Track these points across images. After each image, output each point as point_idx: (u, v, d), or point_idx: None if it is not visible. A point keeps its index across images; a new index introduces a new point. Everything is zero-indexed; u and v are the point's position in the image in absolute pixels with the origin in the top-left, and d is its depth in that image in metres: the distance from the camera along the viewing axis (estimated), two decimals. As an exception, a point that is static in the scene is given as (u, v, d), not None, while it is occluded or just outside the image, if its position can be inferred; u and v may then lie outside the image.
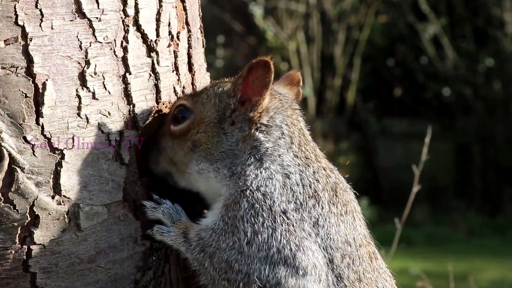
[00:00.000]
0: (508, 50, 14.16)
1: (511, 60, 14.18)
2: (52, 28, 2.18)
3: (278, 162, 2.31)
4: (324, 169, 2.36)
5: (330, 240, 2.27)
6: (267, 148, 2.32)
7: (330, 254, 2.27)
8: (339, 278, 2.27)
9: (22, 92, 2.16)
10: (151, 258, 2.36)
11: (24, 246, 2.19)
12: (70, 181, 2.22)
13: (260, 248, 2.23)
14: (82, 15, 2.22)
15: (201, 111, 2.38)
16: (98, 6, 2.24)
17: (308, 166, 2.33)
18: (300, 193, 2.29)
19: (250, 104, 2.33)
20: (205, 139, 2.36)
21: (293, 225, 2.25)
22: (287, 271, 2.22)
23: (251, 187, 2.28)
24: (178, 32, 2.46)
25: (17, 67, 2.15)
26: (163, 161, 2.42)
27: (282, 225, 2.24)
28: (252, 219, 2.25)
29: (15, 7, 2.13)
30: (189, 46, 2.52)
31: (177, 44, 2.46)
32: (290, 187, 2.29)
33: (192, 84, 2.55)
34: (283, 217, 2.25)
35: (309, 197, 2.29)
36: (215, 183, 2.35)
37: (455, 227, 12.88)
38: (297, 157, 2.34)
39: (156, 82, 2.39)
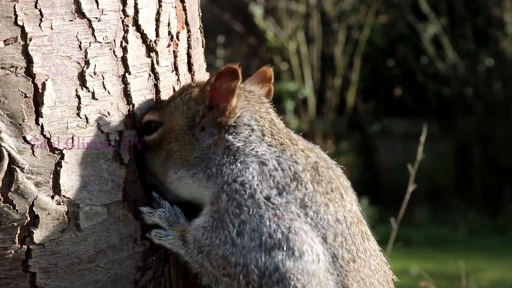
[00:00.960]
0: (508, 50, 14.16)
1: (511, 60, 14.19)
2: (51, 28, 2.18)
3: (253, 154, 2.32)
4: (302, 151, 2.35)
5: (320, 219, 2.26)
6: (238, 147, 2.32)
7: (322, 233, 2.25)
8: (334, 258, 2.25)
9: (22, 92, 2.16)
10: (151, 258, 2.36)
11: (23, 246, 2.19)
12: (69, 181, 2.22)
13: (252, 237, 2.22)
14: (81, 15, 2.22)
15: (170, 120, 2.38)
16: (97, 6, 2.24)
17: (284, 150, 2.33)
18: (280, 177, 2.28)
19: (218, 110, 2.34)
20: (178, 147, 2.36)
21: (279, 209, 2.24)
22: (283, 254, 2.21)
23: (227, 181, 2.28)
24: (178, 32, 2.46)
25: (17, 67, 2.15)
26: (146, 173, 2.42)
27: (268, 211, 2.23)
28: (237, 210, 2.25)
29: (14, 7, 2.13)
30: (189, 46, 2.52)
31: (177, 44, 2.46)
32: (269, 173, 2.28)
33: (192, 84, 2.55)
34: (268, 202, 2.24)
35: (290, 180, 2.28)
36: (196, 188, 2.36)
37: (455, 227, 12.89)
38: (272, 145, 2.34)
39: (155, 82, 2.39)
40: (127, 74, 2.31)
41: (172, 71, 2.44)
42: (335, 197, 2.31)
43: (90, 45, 2.24)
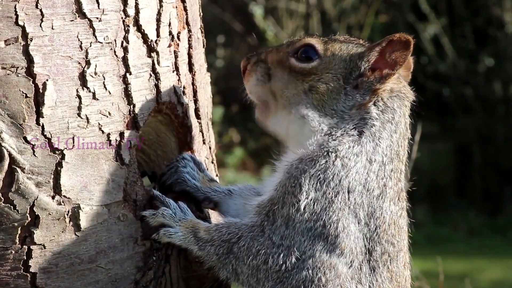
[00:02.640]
0: (508, 50, 14.16)
1: (511, 60, 14.18)
2: (52, 28, 2.18)
3: (374, 144, 2.31)
4: (400, 173, 2.37)
5: (376, 234, 2.28)
6: (374, 125, 2.32)
7: (371, 246, 2.28)
8: (372, 271, 2.28)
9: (23, 92, 2.15)
10: (151, 258, 2.36)
11: (24, 246, 2.19)
12: (70, 181, 2.22)
13: (309, 218, 2.24)
14: (82, 15, 2.22)
15: (329, 60, 2.36)
16: (98, 6, 2.24)
17: (391, 162, 2.33)
18: (372, 180, 2.29)
19: (380, 75, 2.32)
20: (324, 89, 2.34)
21: (349, 207, 2.26)
22: (324, 246, 2.23)
23: (338, 153, 2.27)
24: (179, 32, 2.46)
25: (18, 67, 2.15)
26: (266, 87, 2.40)
27: (339, 203, 2.25)
28: (318, 184, 2.25)
29: (15, 7, 2.13)
30: (190, 46, 2.52)
31: (178, 44, 2.45)
32: (367, 172, 2.28)
33: (193, 84, 2.54)
34: (346, 195, 2.26)
35: (377, 187, 2.29)
36: (307, 132, 2.34)
37: (455, 227, 12.88)
38: (391, 148, 2.33)
39: (156, 82, 2.39)
40: (127, 74, 2.31)
41: (173, 71, 2.44)
42: (400, 223, 2.34)
43: (91, 45, 2.24)
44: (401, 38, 2.27)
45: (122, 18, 2.29)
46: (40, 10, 2.16)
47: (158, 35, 2.37)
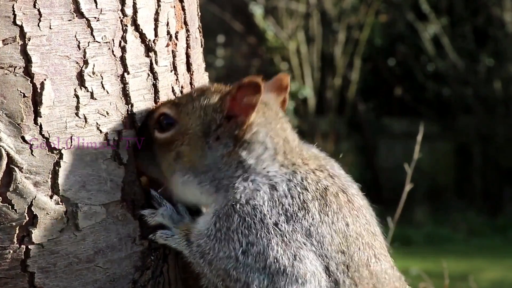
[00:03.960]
0: (508, 50, 14.16)
1: (511, 60, 14.18)
2: (50, 28, 2.18)
3: (263, 174, 2.31)
4: (313, 172, 2.34)
5: (324, 249, 2.27)
6: (251, 165, 2.31)
7: (326, 262, 2.26)
8: (335, 284, 2.26)
9: (20, 92, 2.15)
10: (150, 258, 2.36)
11: (22, 245, 2.19)
12: (68, 181, 2.22)
13: (257, 259, 2.24)
14: (80, 14, 2.22)
15: (185, 121, 2.36)
16: (96, 6, 2.24)
17: (295, 173, 2.32)
18: (289, 205, 2.28)
19: (235, 122, 2.31)
20: (188, 151, 2.34)
21: (286, 236, 2.25)
22: (286, 280, 2.22)
23: (240, 201, 2.28)
24: (177, 32, 2.46)
25: (15, 66, 2.15)
26: (149, 165, 2.40)
27: (276, 236, 2.24)
28: (246, 231, 2.25)
29: (13, 7, 2.13)
30: (188, 46, 2.52)
31: (176, 44, 2.45)
32: (278, 200, 2.28)
33: (191, 84, 2.55)
34: (276, 228, 2.25)
35: (298, 209, 2.28)
36: (200, 194, 2.35)
37: (455, 227, 12.89)
38: (283, 165, 2.33)
39: (154, 81, 2.39)
40: (125, 74, 2.31)
41: (171, 71, 2.44)
42: (340, 227, 2.30)
43: (88, 45, 2.24)
44: (250, 82, 2.26)
45: (120, 17, 2.29)
46: (38, 10, 2.16)
47: (156, 35, 2.37)
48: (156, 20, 2.38)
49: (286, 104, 2.50)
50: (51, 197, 2.20)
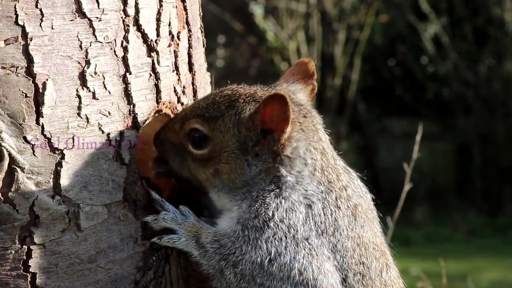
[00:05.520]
0: (508, 50, 14.16)
1: (511, 60, 14.18)
2: (52, 28, 2.18)
3: (301, 192, 2.32)
4: (345, 189, 2.37)
5: (345, 263, 2.31)
6: (289, 181, 2.32)
7: (344, 274, 2.31)
8: None
9: (22, 92, 2.15)
10: (151, 258, 2.36)
11: (24, 246, 2.18)
12: (70, 181, 2.22)
13: (282, 269, 2.26)
14: (82, 14, 2.22)
15: (220, 139, 2.34)
16: (98, 6, 2.24)
17: (331, 192, 2.34)
18: (321, 222, 2.31)
19: (272, 138, 2.30)
20: (228, 169, 2.34)
21: (314, 249, 2.28)
22: None
23: (274, 219, 2.29)
24: (179, 32, 2.46)
25: (17, 67, 2.14)
26: (186, 169, 2.41)
27: (304, 250, 2.28)
28: (276, 242, 2.27)
29: (15, 7, 2.13)
30: (190, 46, 2.52)
31: (178, 44, 2.45)
32: (313, 218, 2.31)
33: (193, 84, 2.55)
34: (305, 242, 2.28)
35: (329, 225, 2.32)
36: (228, 203, 2.36)
37: (455, 227, 12.89)
38: (320, 183, 2.34)
39: (156, 82, 2.39)
40: (127, 74, 2.31)
41: (173, 71, 2.44)
42: (363, 241, 2.36)
43: (90, 45, 2.24)
44: (274, 97, 2.24)
45: (122, 17, 2.29)
46: (40, 10, 2.16)
47: (158, 35, 2.37)
48: (158, 20, 2.38)
49: (315, 90, 2.49)
50: (53, 197, 2.20)
